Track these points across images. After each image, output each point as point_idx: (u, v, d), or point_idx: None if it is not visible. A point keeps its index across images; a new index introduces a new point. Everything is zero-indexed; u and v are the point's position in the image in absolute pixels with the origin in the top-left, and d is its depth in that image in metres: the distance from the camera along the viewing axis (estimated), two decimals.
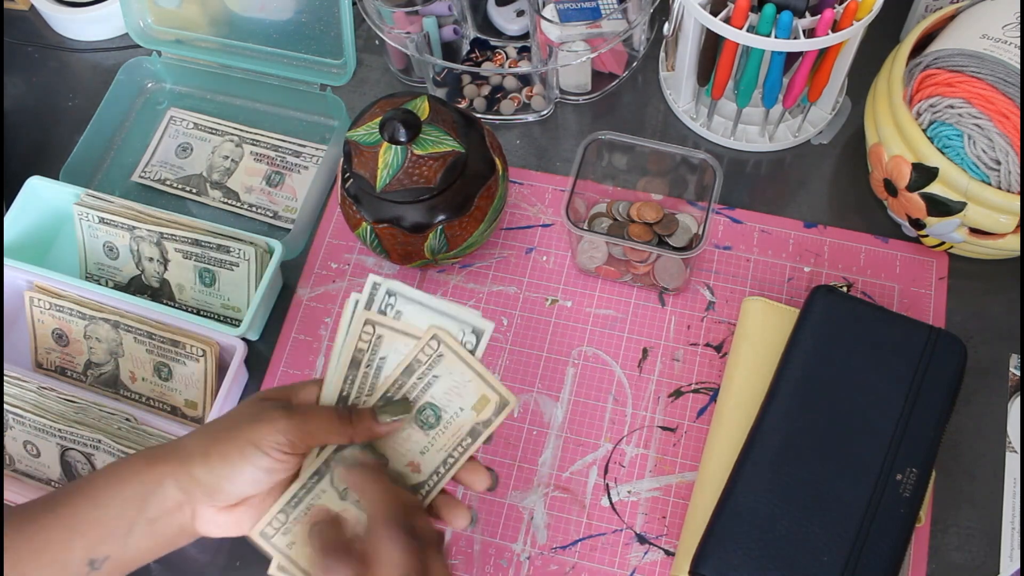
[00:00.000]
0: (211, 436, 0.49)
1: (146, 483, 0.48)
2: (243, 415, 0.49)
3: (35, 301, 0.76)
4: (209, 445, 0.48)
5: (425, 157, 0.65)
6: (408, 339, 0.51)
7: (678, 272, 0.73)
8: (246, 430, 0.48)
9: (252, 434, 0.48)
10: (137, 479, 0.49)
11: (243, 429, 0.48)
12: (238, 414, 0.50)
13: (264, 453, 0.48)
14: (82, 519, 0.48)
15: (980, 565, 0.65)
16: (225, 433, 0.49)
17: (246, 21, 0.84)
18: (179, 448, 0.49)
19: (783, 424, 0.64)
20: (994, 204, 0.65)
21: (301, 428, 0.49)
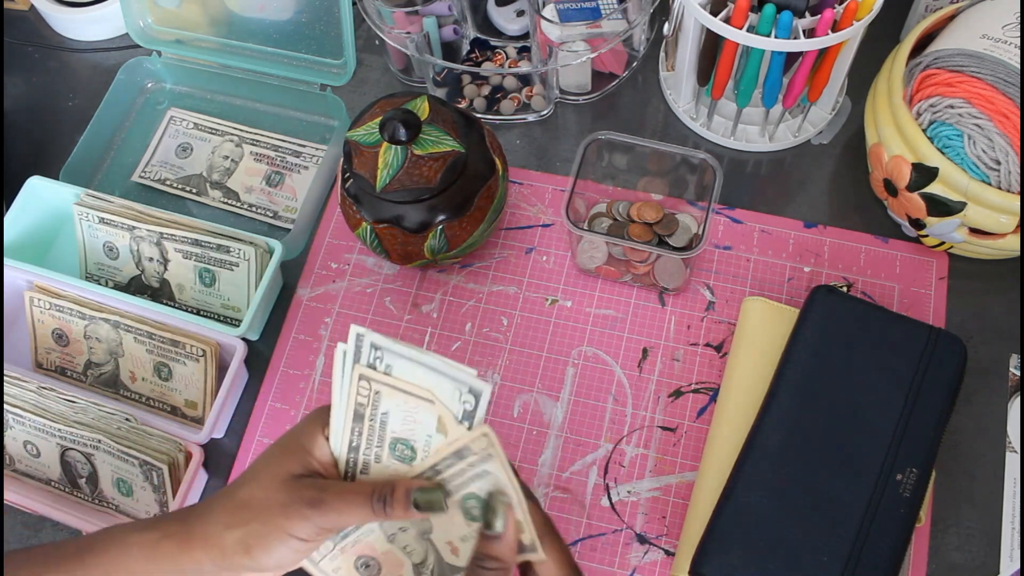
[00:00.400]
0: (246, 529, 0.47)
1: (183, 565, 0.48)
2: (272, 503, 0.47)
3: (35, 301, 0.76)
4: (249, 540, 0.47)
5: (425, 157, 0.65)
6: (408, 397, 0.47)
7: (678, 272, 0.73)
8: (284, 525, 0.47)
9: (291, 529, 0.47)
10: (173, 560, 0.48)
11: (279, 524, 0.47)
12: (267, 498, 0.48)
13: (305, 542, 0.47)
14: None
15: (980, 565, 0.65)
16: (259, 525, 0.47)
17: (246, 21, 0.84)
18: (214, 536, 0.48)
19: (783, 424, 0.64)
20: (994, 204, 0.65)
21: (336, 521, 0.47)
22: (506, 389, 0.73)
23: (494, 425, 0.71)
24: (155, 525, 0.49)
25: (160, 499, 0.69)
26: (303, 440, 0.49)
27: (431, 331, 0.75)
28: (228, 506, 0.48)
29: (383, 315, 0.76)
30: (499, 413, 0.72)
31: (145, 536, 0.49)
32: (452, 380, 0.45)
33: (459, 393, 0.45)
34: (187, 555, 0.48)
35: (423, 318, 0.76)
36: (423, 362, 0.45)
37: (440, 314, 0.76)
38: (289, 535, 0.47)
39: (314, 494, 0.47)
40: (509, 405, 0.72)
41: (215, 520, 0.48)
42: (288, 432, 0.51)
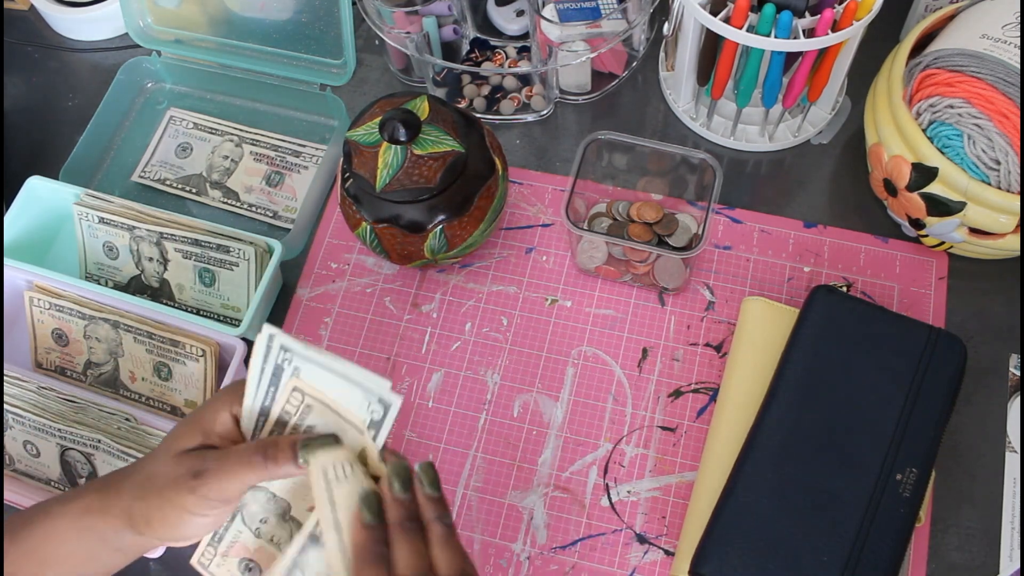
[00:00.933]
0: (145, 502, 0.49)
1: (104, 533, 0.50)
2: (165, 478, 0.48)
3: (35, 301, 0.76)
4: (147, 512, 0.49)
5: (425, 157, 0.65)
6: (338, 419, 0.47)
7: (678, 272, 0.73)
8: (175, 500, 0.48)
9: (182, 503, 0.48)
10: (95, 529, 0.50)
11: (171, 498, 0.48)
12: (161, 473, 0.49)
13: (202, 516, 0.48)
14: (51, 554, 0.50)
15: (980, 565, 0.65)
16: (156, 500, 0.48)
17: (246, 21, 0.84)
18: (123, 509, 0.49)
19: (783, 424, 0.64)
20: (994, 204, 0.65)
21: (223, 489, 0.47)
22: (506, 389, 0.73)
23: (494, 425, 0.71)
24: (77, 496, 0.51)
25: None
26: (205, 417, 0.50)
27: (431, 331, 0.75)
28: (135, 480, 0.50)
29: (383, 315, 0.76)
30: (499, 413, 0.72)
31: (68, 508, 0.50)
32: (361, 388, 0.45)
33: (367, 403, 0.45)
34: (105, 523, 0.50)
35: (423, 318, 0.76)
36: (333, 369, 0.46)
37: (440, 314, 0.76)
38: (182, 510, 0.48)
39: (196, 464, 0.48)
40: (509, 405, 0.72)
41: (126, 494, 0.50)
42: (192, 411, 0.52)
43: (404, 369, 0.74)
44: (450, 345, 0.75)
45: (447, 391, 0.73)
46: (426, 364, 0.74)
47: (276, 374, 0.48)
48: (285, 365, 0.47)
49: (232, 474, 0.47)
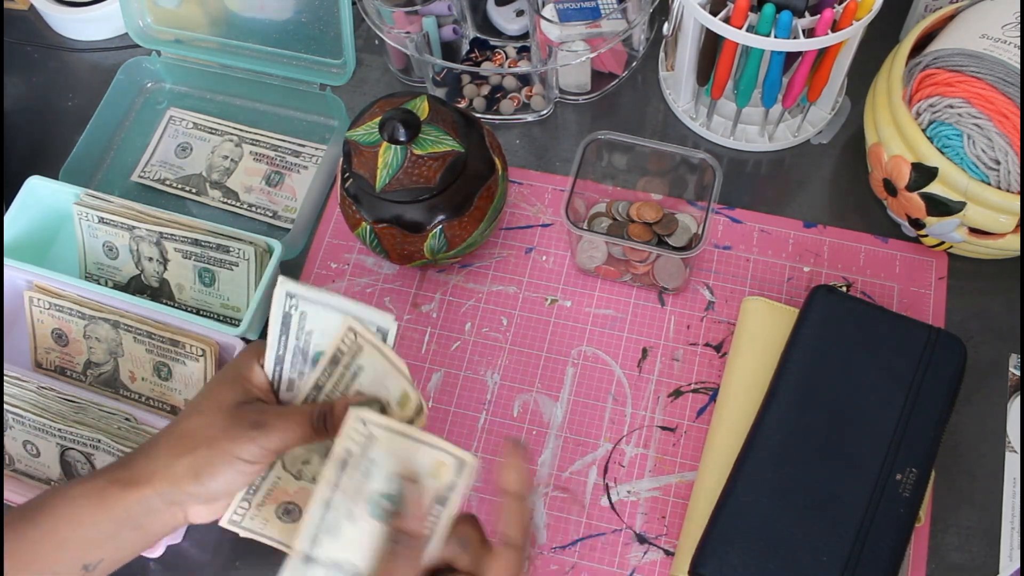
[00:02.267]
0: (192, 455, 0.49)
1: (130, 506, 0.50)
2: (217, 429, 0.50)
3: (35, 301, 0.76)
4: (197, 465, 0.49)
5: (425, 157, 0.65)
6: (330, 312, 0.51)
7: (678, 272, 0.73)
8: (230, 448, 0.49)
9: (236, 450, 0.49)
10: (119, 504, 0.50)
11: (226, 447, 0.49)
12: (211, 425, 0.50)
13: (250, 463, 0.50)
14: (70, 536, 0.50)
15: (980, 565, 0.65)
16: (207, 450, 0.49)
17: (246, 21, 0.84)
18: (161, 469, 0.50)
19: (783, 424, 0.64)
20: (994, 204, 0.65)
21: (283, 443, 0.50)
22: (506, 389, 0.73)
23: (494, 425, 0.71)
24: (99, 474, 0.51)
25: None
26: (241, 370, 0.53)
27: (431, 331, 0.75)
28: (172, 439, 0.51)
29: None
30: (499, 413, 0.72)
31: (88, 486, 0.50)
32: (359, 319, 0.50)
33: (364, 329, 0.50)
34: (134, 495, 0.50)
35: (423, 318, 0.76)
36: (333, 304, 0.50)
37: (440, 314, 0.76)
38: (236, 457, 0.49)
39: (256, 416, 0.50)
40: (509, 405, 0.72)
41: (160, 455, 0.50)
42: (224, 368, 0.54)
43: None
44: (450, 345, 0.75)
45: (447, 391, 0.73)
46: (426, 364, 0.74)
47: (286, 322, 0.52)
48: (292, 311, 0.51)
49: (292, 431, 0.50)
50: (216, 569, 0.69)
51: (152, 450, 0.51)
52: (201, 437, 0.50)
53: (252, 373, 0.53)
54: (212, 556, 0.69)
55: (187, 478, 0.49)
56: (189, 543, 0.70)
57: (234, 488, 0.51)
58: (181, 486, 0.49)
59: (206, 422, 0.50)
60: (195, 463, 0.49)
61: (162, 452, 0.50)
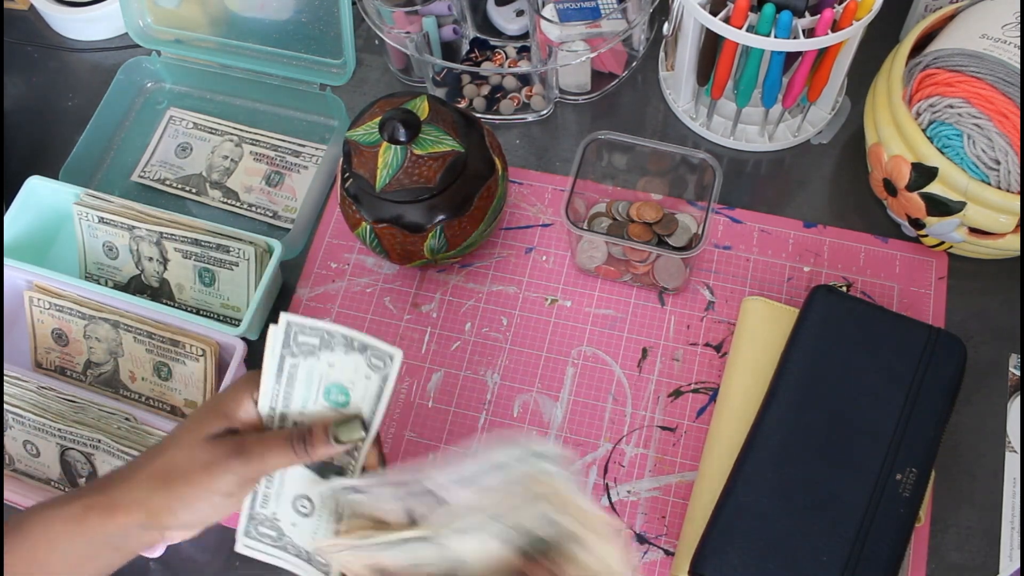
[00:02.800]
0: (169, 490, 0.50)
1: (109, 533, 0.50)
2: (194, 463, 0.50)
3: (35, 301, 0.76)
4: (171, 500, 0.50)
5: (425, 157, 0.65)
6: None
7: (678, 272, 0.73)
8: (204, 479, 0.49)
9: (211, 483, 0.49)
10: (98, 530, 0.50)
11: (201, 482, 0.49)
12: (188, 459, 0.50)
13: (229, 496, 0.50)
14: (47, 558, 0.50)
15: (980, 565, 0.65)
16: (184, 486, 0.50)
17: (246, 21, 0.84)
18: (139, 499, 0.50)
19: (783, 424, 0.64)
20: (994, 204, 0.65)
21: (259, 468, 0.50)
22: (506, 389, 0.73)
23: (494, 425, 0.71)
24: (76, 498, 0.51)
25: None
26: (228, 404, 0.52)
27: (431, 331, 0.75)
28: (151, 470, 0.51)
29: (383, 315, 0.76)
30: (499, 413, 0.72)
31: (66, 511, 0.50)
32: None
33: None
34: (112, 522, 0.50)
35: (423, 318, 0.76)
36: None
37: (440, 314, 0.76)
38: (212, 492, 0.50)
39: (235, 446, 0.50)
40: (509, 405, 0.72)
41: (139, 486, 0.50)
42: (211, 398, 0.54)
43: (404, 369, 0.74)
44: (450, 345, 0.75)
45: (447, 391, 0.73)
46: (426, 364, 0.74)
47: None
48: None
49: (274, 456, 0.50)
50: (216, 569, 0.69)
51: (131, 477, 0.51)
52: (179, 471, 0.50)
53: (239, 407, 0.52)
54: (212, 556, 0.69)
55: (164, 512, 0.50)
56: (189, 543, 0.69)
57: (210, 520, 0.51)
58: (156, 517, 0.50)
59: (185, 456, 0.50)
60: (171, 498, 0.49)
61: (141, 483, 0.50)
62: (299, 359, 0.52)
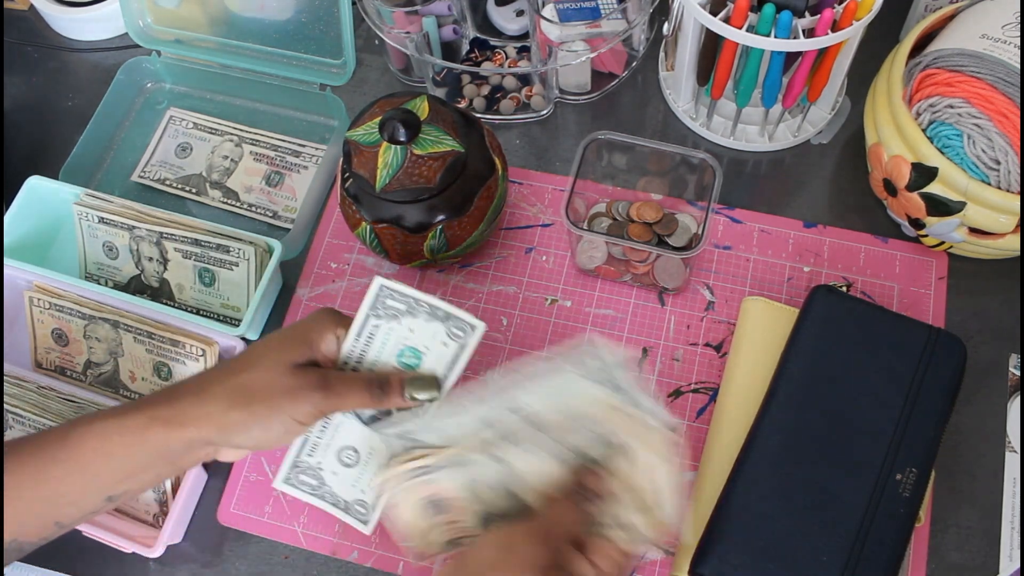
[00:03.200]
0: (248, 408, 0.51)
1: (170, 445, 0.50)
2: (279, 387, 0.51)
3: (35, 301, 0.76)
4: (248, 418, 0.51)
5: (425, 157, 0.65)
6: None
7: (678, 272, 0.73)
8: (287, 407, 0.51)
9: (293, 410, 0.51)
10: (160, 442, 0.50)
11: (283, 405, 0.51)
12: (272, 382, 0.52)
13: (302, 424, 0.52)
14: (98, 469, 0.50)
15: (980, 565, 0.65)
16: (263, 407, 0.51)
17: (246, 21, 0.84)
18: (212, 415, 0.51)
19: (783, 424, 0.64)
20: (994, 204, 0.65)
21: (337, 404, 0.53)
22: None
23: None
24: (138, 409, 0.51)
25: (160, 499, 0.69)
26: (312, 335, 0.55)
27: None
28: (229, 389, 0.52)
29: None
30: None
31: (128, 422, 0.50)
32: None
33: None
34: (178, 435, 0.50)
35: None
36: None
37: None
38: (290, 417, 0.51)
39: (320, 379, 0.52)
40: None
41: (214, 400, 0.51)
42: (293, 326, 0.56)
43: None
44: None
45: None
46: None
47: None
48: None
49: (352, 396, 0.53)
50: (216, 569, 0.69)
51: (204, 394, 0.51)
52: (260, 392, 0.51)
53: (323, 342, 0.55)
54: (212, 556, 0.69)
55: (238, 429, 0.50)
56: (189, 543, 0.70)
57: (275, 443, 0.53)
58: (228, 433, 0.50)
59: (267, 378, 0.52)
60: (249, 417, 0.51)
61: (217, 398, 0.51)
62: (382, 321, 0.56)
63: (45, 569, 0.70)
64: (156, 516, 0.69)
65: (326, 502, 0.59)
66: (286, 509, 0.70)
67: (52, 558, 0.70)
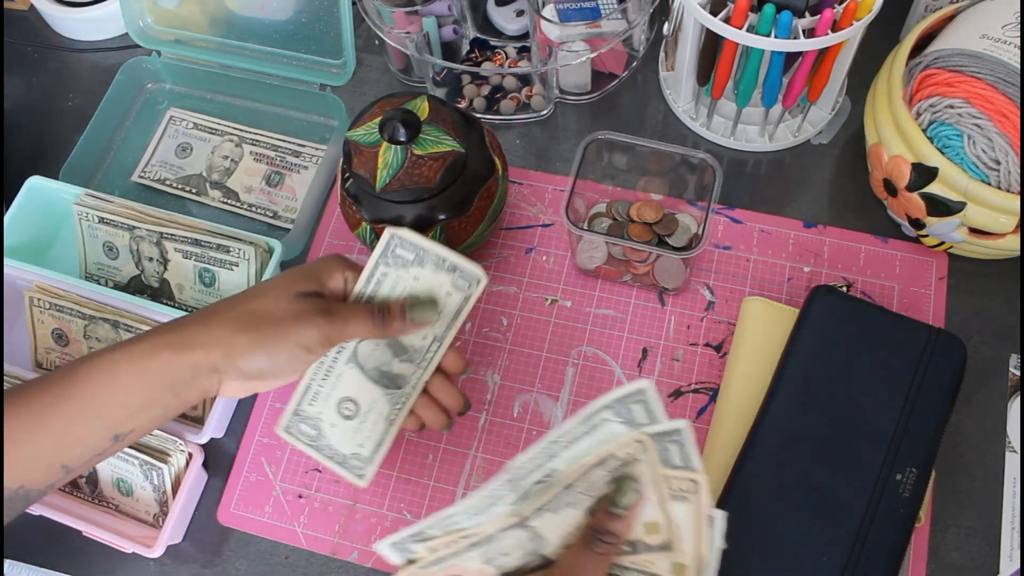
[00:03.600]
0: (255, 332, 0.51)
1: (177, 372, 0.50)
2: (284, 312, 0.52)
3: (35, 301, 0.76)
4: (254, 342, 0.51)
5: (425, 157, 0.65)
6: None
7: (678, 272, 0.73)
8: (292, 331, 0.52)
9: (298, 336, 0.52)
10: (167, 369, 0.50)
11: (288, 329, 0.52)
12: (278, 308, 0.52)
13: (308, 351, 0.53)
14: (106, 403, 0.49)
15: (980, 565, 0.65)
16: (270, 330, 0.51)
17: (246, 21, 0.84)
18: (218, 340, 0.51)
19: (783, 424, 0.64)
20: (994, 204, 0.65)
21: (341, 331, 0.54)
22: (506, 389, 0.73)
23: (494, 425, 0.71)
24: (146, 338, 0.51)
25: (160, 499, 0.69)
26: (320, 271, 0.56)
27: None
28: (236, 314, 0.52)
29: None
30: (499, 413, 0.72)
31: (135, 349, 0.50)
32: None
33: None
34: (184, 359, 0.50)
35: None
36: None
37: None
38: (296, 343, 0.52)
39: (323, 305, 0.54)
40: (509, 405, 0.72)
41: (221, 325, 0.51)
42: (302, 265, 0.57)
43: None
44: None
45: None
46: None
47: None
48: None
49: (356, 322, 0.54)
50: (216, 569, 0.69)
51: (210, 320, 0.52)
52: (267, 317, 0.52)
53: (331, 279, 0.56)
54: (212, 556, 0.69)
55: (244, 352, 0.51)
56: (189, 543, 0.70)
57: (280, 372, 0.53)
58: (234, 357, 0.50)
59: (273, 305, 0.52)
60: (255, 340, 0.51)
61: (224, 324, 0.51)
62: (390, 269, 0.59)
63: (45, 569, 0.70)
64: (156, 516, 0.69)
65: (323, 455, 0.59)
66: (286, 509, 0.70)
67: (52, 558, 0.70)
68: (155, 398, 0.50)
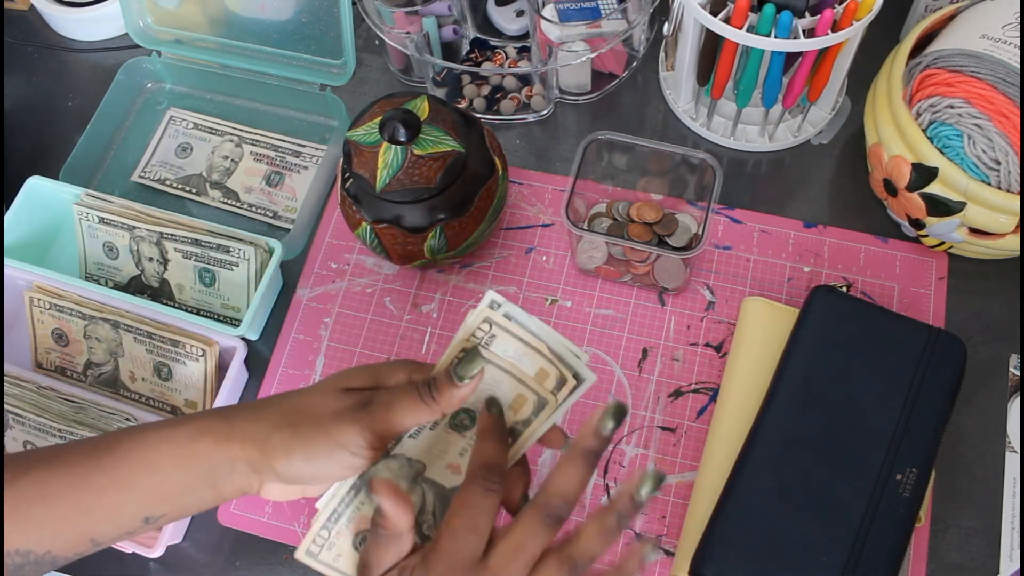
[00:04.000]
0: (294, 431, 0.46)
1: (216, 463, 0.47)
2: (326, 408, 0.47)
3: (35, 301, 0.76)
4: (292, 441, 0.46)
5: (425, 157, 0.65)
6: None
7: (678, 272, 0.73)
8: (333, 431, 0.46)
9: (339, 436, 0.46)
10: (206, 457, 0.47)
11: (329, 429, 0.46)
12: (321, 404, 0.47)
13: (352, 454, 0.46)
14: (141, 484, 0.47)
15: (980, 565, 0.65)
16: (310, 430, 0.46)
17: (246, 21, 0.84)
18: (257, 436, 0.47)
19: (783, 424, 0.64)
20: (994, 204, 0.65)
21: (388, 423, 0.47)
22: None
23: None
24: (189, 421, 0.48)
25: None
26: (381, 368, 0.50)
27: (431, 331, 0.75)
28: (281, 408, 0.48)
29: (383, 315, 0.76)
30: None
31: (177, 432, 0.47)
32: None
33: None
34: (224, 450, 0.47)
35: (423, 318, 0.76)
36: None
37: (440, 314, 0.76)
38: (336, 444, 0.46)
39: (363, 397, 0.48)
40: None
41: (264, 420, 0.47)
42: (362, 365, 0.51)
43: None
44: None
45: None
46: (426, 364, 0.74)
47: None
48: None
49: (401, 406, 0.47)
50: (216, 569, 0.69)
51: (257, 413, 0.48)
52: (309, 414, 0.47)
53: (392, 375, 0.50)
54: (212, 556, 0.69)
55: (280, 452, 0.46)
56: (189, 543, 0.70)
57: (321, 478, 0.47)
58: (270, 458, 0.46)
59: (318, 401, 0.48)
60: (293, 438, 0.46)
61: (267, 419, 0.47)
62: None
63: None
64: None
65: None
66: (286, 509, 0.70)
67: None
68: (190, 485, 0.47)
